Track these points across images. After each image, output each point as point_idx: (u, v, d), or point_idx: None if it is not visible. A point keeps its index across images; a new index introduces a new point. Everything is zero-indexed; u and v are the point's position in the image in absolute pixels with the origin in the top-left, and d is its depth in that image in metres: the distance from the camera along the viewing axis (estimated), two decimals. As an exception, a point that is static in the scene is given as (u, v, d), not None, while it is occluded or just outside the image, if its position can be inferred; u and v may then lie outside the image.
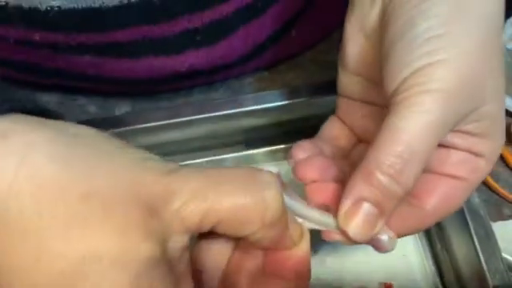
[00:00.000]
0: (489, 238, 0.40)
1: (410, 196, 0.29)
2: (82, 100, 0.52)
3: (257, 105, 0.45)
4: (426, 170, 0.29)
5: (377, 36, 0.29)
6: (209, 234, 0.23)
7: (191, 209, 0.21)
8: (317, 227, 0.28)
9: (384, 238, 0.27)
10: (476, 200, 0.42)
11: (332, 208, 0.28)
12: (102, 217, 0.19)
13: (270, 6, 0.44)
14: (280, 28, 0.47)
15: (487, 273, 0.39)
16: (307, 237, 0.28)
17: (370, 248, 0.46)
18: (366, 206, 0.26)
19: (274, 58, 0.51)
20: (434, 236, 0.45)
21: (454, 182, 0.29)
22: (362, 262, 0.44)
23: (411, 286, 0.44)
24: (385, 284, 0.44)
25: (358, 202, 0.26)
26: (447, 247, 0.43)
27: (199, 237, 0.25)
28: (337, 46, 0.53)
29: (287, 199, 0.29)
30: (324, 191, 0.29)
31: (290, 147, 0.52)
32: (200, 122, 0.45)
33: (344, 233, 0.27)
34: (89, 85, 0.48)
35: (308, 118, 0.45)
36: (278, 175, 0.30)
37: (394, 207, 0.26)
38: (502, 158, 0.49)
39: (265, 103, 0.45)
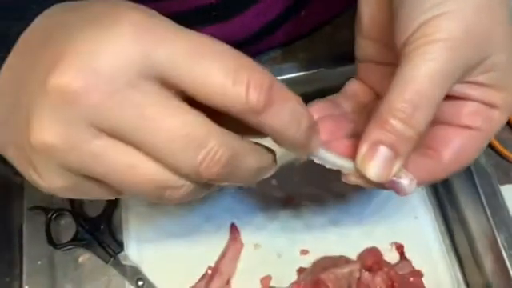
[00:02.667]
0: (495, 195, 0.42)
1: (427, 148, 0.31)
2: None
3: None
4: (443, 122, 0.31)
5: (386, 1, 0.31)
6: None
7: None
8: (336, 168, 0.30)
9: (404, 181, 0.29)
10: (482, 160, 0.43)
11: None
12: None
13: None
14: (290, 6, 0.49)
15: (494, 228, 0.41)
16: None
17: (381, 210, 0.48)
18: (382, 149, 0.27)
19: (286, 37, 0.53)
20: (444, 197, 0.47)
21: (469, 133, 0.30)
22: (373, 223, 0.46)
23: (423, 246, 0.45)
24: (395, 244, 0.45)
25: (374, 145, 0.28)
26: (456, 207, 0.45)
27: None
28: (346, 26, 0.56)
29: None
30: (336, 148, 0.30)
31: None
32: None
33: (362, 175, 0.29)
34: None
35: (327, 89, 0.47)
36: None
37: (409, 150, 0.28)
38: (509, 125, 0.50)
39: (281, 75, 0.47)
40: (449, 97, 0.30)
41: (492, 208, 0.42)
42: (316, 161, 0.29)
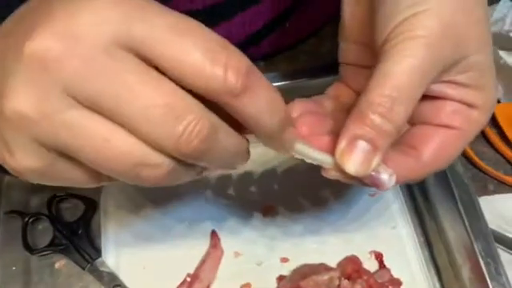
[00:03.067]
0: (473, 205, 0.43)
1: (407, 147, 0.31)
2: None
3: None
4: (423, 122, 0.32)
5: (367, 1, 0.32)
6: None
7: None
8: (316, 163, 0.30)
9: (383, 176, 0.29)
10: (460, 171, 0.44)
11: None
12: None
13: None
14: (276, 17, 0.50)
15: (472, 237, 0.42)
16: None
17: (360, 220, 0.48)
18: (361, 144, 0.28)
19: (271, 48, 0.54)
20: (422, 207, 0.47)
21: (448, 132, 0.31)
22: (353, 232, 0.47)
23: (402, 255, 0.46)
24: (374, 252, 0.46)
25: (353, 140, 0.28)
26: (434, 217, 0.46)
27: None
28: (330, 38, 0.57)
29: None
30: (316, 144, 0.30)
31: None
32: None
33: (341, 170, 0.29)
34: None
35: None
36: None
37: (387, 144, 0.28)
38: (486, 138, 0.52)
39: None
40: (429, 97, 0.30)
41: (470, 218, 0.43)
42: (296, 156, 0.29)
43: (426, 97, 0.30)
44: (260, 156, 0.50)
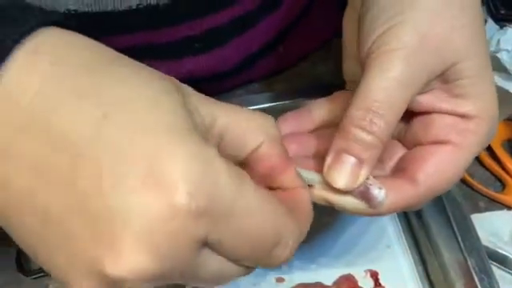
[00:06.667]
0: (465, 222, 0.43)
1: (402, 172, 0.30)
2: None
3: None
4: (417, 143, 0.31)
5: None
6: None
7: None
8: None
9: (374, 191, 0.29)
10: (452, 187, 0.45)
11: None
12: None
13: (263, 18, 0.48)
14: (271, 41, 0.51)
15: (466, 253, 0.42)
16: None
17: (356, 240, 0.49)
18: (345, 157, 0.28)
19: (264, 71, 0.55)
20: (416, 225, 0.48)
21: (443, 149, 0.29)
22: (347, 252, 0.47)
23: (397, 274, 0.46)
24: (370, 271, 0.46)
25: (338, 154, 0.28)
26: (428, 235, 0.46)
27: None
28: (323, 62, 0.58)
29: None
30: (301, 165, 0.31)
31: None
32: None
33: (330, 186, 0.29)
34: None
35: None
36: None
37: (373, 156, 0.28)
38: (476, 157, 0.52)
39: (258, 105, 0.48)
40: (420, 114, 0.30)
41: (463, 235, 0.43)
42: None
43: (416, 115, 0.30)
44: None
